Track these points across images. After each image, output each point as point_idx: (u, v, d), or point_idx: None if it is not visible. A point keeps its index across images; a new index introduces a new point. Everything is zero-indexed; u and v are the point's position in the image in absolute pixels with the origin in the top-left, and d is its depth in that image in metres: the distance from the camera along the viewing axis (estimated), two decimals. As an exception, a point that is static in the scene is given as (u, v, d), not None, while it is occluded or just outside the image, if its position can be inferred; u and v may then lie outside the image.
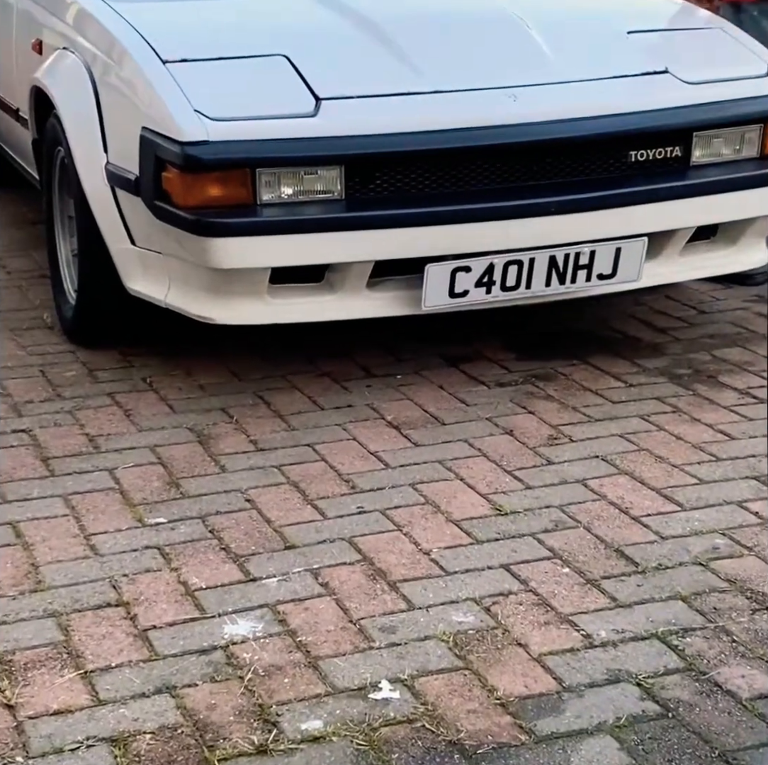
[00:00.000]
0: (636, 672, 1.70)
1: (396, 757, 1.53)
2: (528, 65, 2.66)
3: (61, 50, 2.89)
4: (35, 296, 3.29)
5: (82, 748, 1.53)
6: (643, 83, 2.70)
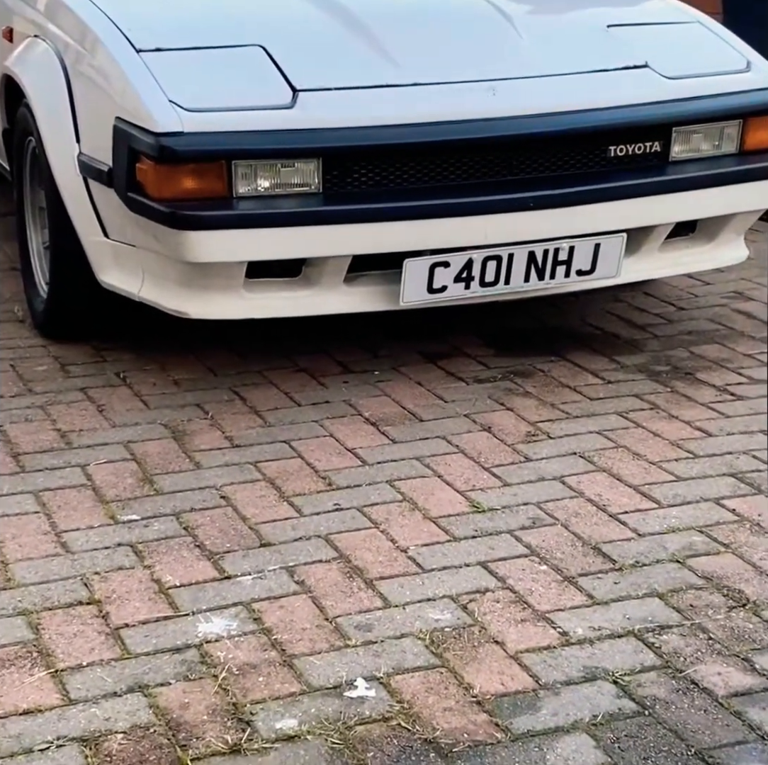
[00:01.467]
0: (612, 670, 1.71)
1: (371, 755, 1.53)
2: (507, 58, 2.66)
3: (33, 38, 2.87)
4: (6, 289, 3.26)
5: (52, 748, 1.53)
6: (623, 77, 2.71)
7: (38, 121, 2.71)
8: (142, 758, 1.52)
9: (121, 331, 2.90)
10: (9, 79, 2.93)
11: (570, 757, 1.54)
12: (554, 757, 1.54)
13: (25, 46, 2.88)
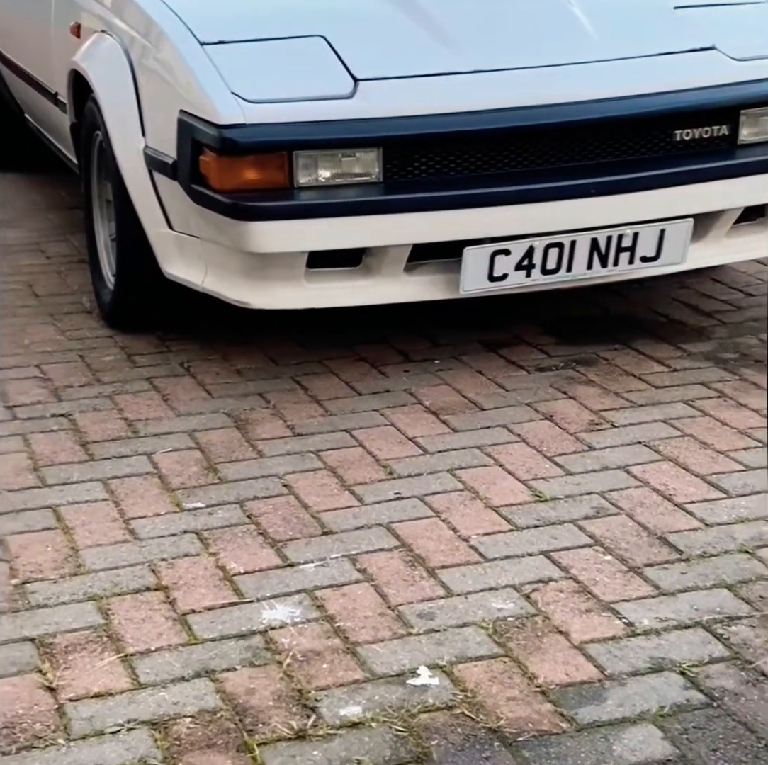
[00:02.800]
0: (680, 661, 1.69)
1: (435, 743, 1.53)
2: (570, 43, 2.62)
3: (99, 33, 2.90)
4: (74, 281, 3.32)
5: (123, 731, 1.55)
6: (690, 60, 2.66)
7: (105, 115, 2.75)
8: (210, 742, 1.54)
9: (184, 322, 2.93)
10: (77, 74, 2.97)
11: (637, 747, 1.52)
12: (621, 748, 1.52)
13: (92, 41, 2.92)
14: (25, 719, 1.57)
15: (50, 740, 1.54)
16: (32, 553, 1.96)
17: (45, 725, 1.56)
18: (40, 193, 4.26)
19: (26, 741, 1.53)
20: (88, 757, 1.51)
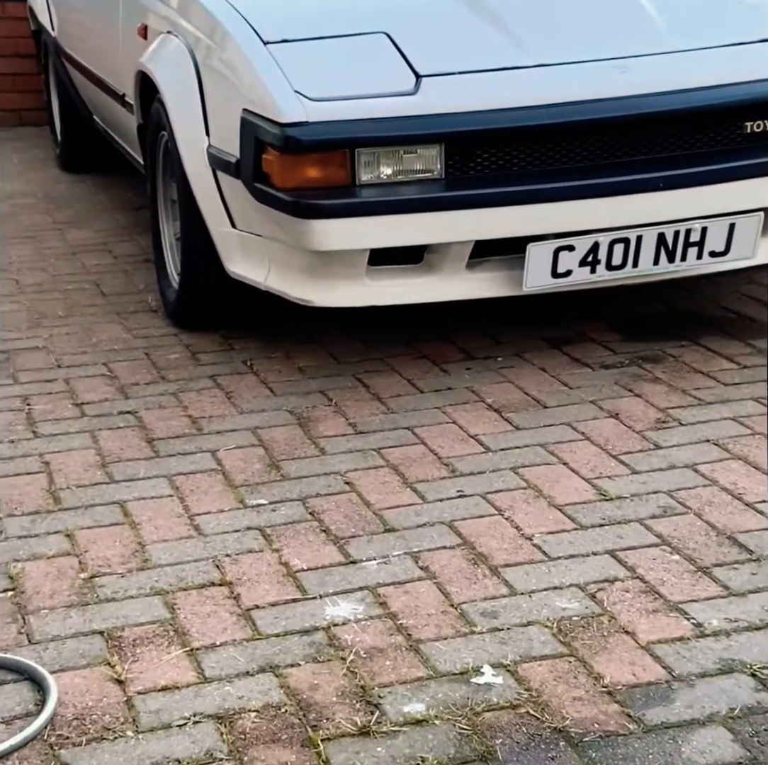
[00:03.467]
0: (750, 662, 1.66)
1: (500, 742, 1.52)
2: (637, 34, 2.59)
3: (166, 34, 2.93)
4: (140, 280, 3.37)
5: (189, 724, 1.57)
6: (761, 50, 2.61)
7: (170, 116, 2.78)
8: (275, 737, 1.54)
9: (247, 320, 2.95)
10: (143, 76, 3.01)
11: (706, 750, 1.50)
12: (689, 750, 1.50)
13: (159, 42, 2.95)
14: (95, 711, 1.60)
15: (119, 732, 1.56)
16: (101, 547, 2.00)
17: (114, 717, 1.59)
18: (107, 194, 4.33)
19: (96, 733, 1.56)
20: (156, 749, 1.52)
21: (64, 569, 1.93)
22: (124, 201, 4.21)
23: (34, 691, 1.64)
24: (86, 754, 1.52)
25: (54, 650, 1.72)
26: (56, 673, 1.67)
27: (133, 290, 3.30)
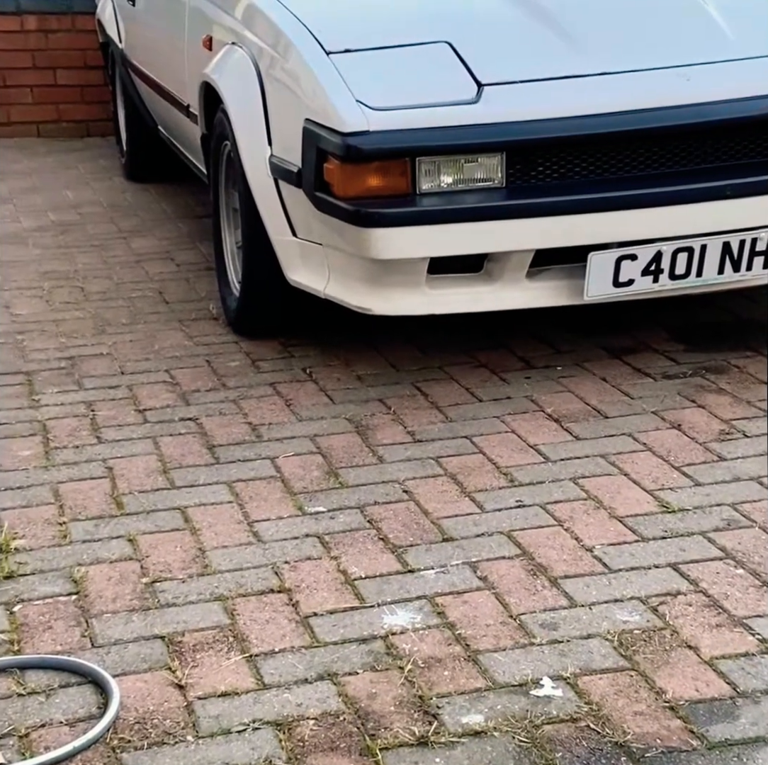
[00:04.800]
0: (818, 681, 1.62)
1: (560, 756, 1.50)
2: (703, 42, 2.56)
3: (230, 45, 2.96)
4: (201, 288, 3.41)
5: (249, 731, 1.57)
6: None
7: (234, 126, 2.80)
8: (333, 745, 1.54)
9: (307, 328, 2.97)
10: (208, 86, 3.04)
11: (772, 770, 1.47)
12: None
13: (223, 53, 2.98)
14: (156, 715, 1.61)
15: (179, 737, 1.57)
16: (162, 552, 2.02)
17: (175, 722, 1.60)
18: (171, 203, 4.39)
19: (157, 737, 1.57)
20: (215, 755, 1.53)
21: (126, 573, 1.95)
22: (187, 210, 4.26)
23: (97, 694, 1.66)
24: (147, 758, 1.53)
25: (116, 654, 1.74)
26: (118, 676, 1.68)
27: (195, 298, 3.34)
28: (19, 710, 1.63)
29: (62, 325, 3.16)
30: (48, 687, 1.67)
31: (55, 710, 1.63)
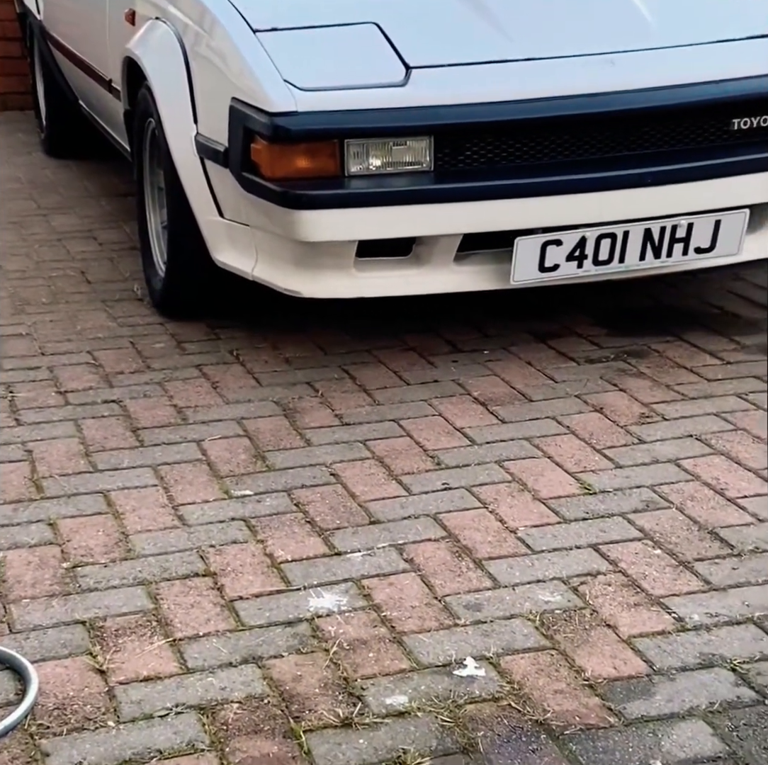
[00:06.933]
0: (731, 657, 1.67)
1: (481, 735, 1.53)
2: (626, 30, 2.59)
3: (153, 20, 2.91)
4: (125, 268, 3.36)
5: (171, 715, 1.57)
6: (748, 47, 2.62)
7: (158, 103, 2.77)
8: (257, 728, 1.55)
9: (234, 310, 2.95)
10: (131, 62, 2.99)
11: (686, 744, 1.51)
12: (669, 744, 1.51)
13: (146, 28, 2.93)
14: (76, 701, 1.60)
15: (100, 722, 1.56)
16: (83, 537, 1.99)
17: (95, 707, 1.59)
18: (93, 180, 4.31)
19: (77, 723, 1.56)
20: (137, 739, 1.53)
21: (46, 558, 1.93)
22: (111, 188, 4.19)
23: (15, 681, 1.64)
24: (67, 743, 1.52)
25: (35, 640, 1.72)
26: (37, 662, 1.66)
27: (119, 278, 3.29)
28: (-65, 698, 1.61)
29: (-20, 305, 3.09)
30: (-35, 674, 1.65)
31: (-27, 698, 1.61)
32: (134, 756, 1.50)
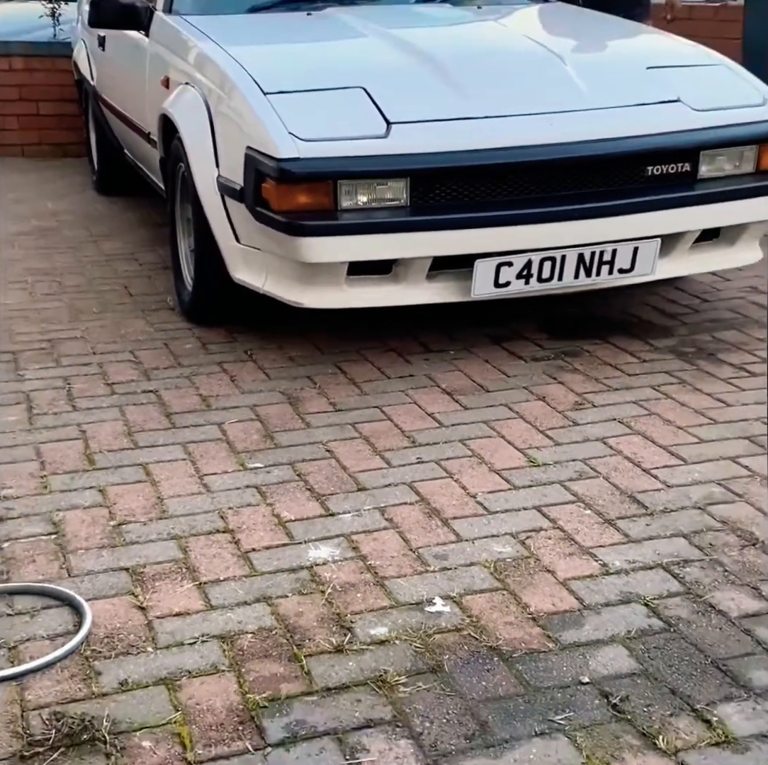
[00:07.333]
0: (644, 595, 1.69)
1: (447, 658, 1.54)
2: (564, 95, 2.61)
3: (184, 85, 2.91)
4: (160, 284, 3.34)
5: (198, 643, 1.57)
6: (659, 110, 2.64)
7: (187, 151, 2.76)
8: (267, 653, 1.55)
9: (248, 318, 2.94)
10: (165, 118, 2.98)
11: (608, 663, 1.53)
12: (595, 663, 1.53)
13: (178, 91, 2.93)
14: (122, 631, 1.60)
15: (141, 648, 1.56)
16: (126, 500, 1.99)
17: (137, 636, 1.59)
18: (134, 213, 4.29)
19: (122, 648, 1.56)
20: (170, 662, 1.53)
21: (96, 518, 1.93)
22: (148, 219, 4.16)
23: (73, 615, 1.64)
24: (115, 665, 1.52)
25: (89, 582, 1.72)
26: (90, 600, 1.66)
27: (155, 292, 3.27)
28: (8, 627, 1.60)
29: (43, 313, 3.07)
30: (32, 609, 1.65)
31: (38, 627, 1.61)
32: (168, 675, 1.50)
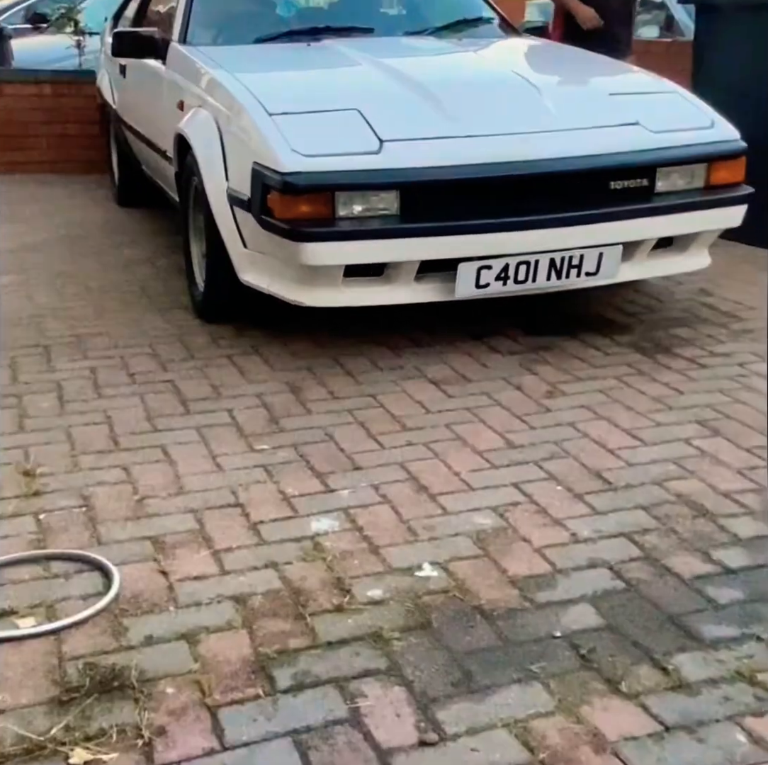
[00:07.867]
0: (609, 560, 1.70)
1: (435, 616, 1.55)
2: (535, 117, 2.62)
3: (197, 108, 2.90)
4: (175, 285, 3.32)
5: (214, 603, 1.58)
6: (621, 131, 2.65)
7: (200, 166, 2.75)
8: (275, 612, 1.56)
9: (255, 316, 2.93)
10: (180, 137, 2.97)
11: (578, 619, 1.54)
12: (566, 620, 1.54)
13: (192, 113, 2.92)
14: (146, 593, 1.60)
15: (164, 608, 1.56)
16: (148, 478, 1.99)
17: (160, 597, 1.59)
18: (151, 222, 4.26)
19: (147, 608, 1.56)
20: (190, 620, 1.53)
21: (122, 493, 1.92)
22: (164, 228, 4.14)
23: (103, 578, 1.64)
24: (140, 622, 1.53)
25: (116, 550, 1.72)
26: (118, 565, 1.67)
27: (170, 293, 3.25)
28: (47, 589, 1.61)
29: (70, 311, 3.05)
30: (67, 573, 1.65)
31: (73, 589, 1.61)
32: (188, 631, 1.51)
